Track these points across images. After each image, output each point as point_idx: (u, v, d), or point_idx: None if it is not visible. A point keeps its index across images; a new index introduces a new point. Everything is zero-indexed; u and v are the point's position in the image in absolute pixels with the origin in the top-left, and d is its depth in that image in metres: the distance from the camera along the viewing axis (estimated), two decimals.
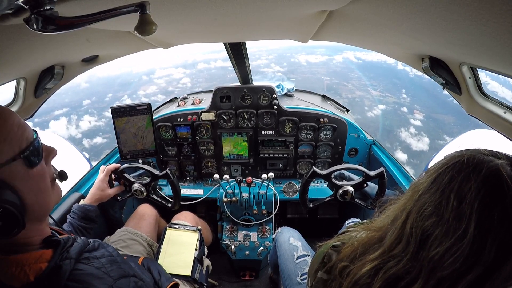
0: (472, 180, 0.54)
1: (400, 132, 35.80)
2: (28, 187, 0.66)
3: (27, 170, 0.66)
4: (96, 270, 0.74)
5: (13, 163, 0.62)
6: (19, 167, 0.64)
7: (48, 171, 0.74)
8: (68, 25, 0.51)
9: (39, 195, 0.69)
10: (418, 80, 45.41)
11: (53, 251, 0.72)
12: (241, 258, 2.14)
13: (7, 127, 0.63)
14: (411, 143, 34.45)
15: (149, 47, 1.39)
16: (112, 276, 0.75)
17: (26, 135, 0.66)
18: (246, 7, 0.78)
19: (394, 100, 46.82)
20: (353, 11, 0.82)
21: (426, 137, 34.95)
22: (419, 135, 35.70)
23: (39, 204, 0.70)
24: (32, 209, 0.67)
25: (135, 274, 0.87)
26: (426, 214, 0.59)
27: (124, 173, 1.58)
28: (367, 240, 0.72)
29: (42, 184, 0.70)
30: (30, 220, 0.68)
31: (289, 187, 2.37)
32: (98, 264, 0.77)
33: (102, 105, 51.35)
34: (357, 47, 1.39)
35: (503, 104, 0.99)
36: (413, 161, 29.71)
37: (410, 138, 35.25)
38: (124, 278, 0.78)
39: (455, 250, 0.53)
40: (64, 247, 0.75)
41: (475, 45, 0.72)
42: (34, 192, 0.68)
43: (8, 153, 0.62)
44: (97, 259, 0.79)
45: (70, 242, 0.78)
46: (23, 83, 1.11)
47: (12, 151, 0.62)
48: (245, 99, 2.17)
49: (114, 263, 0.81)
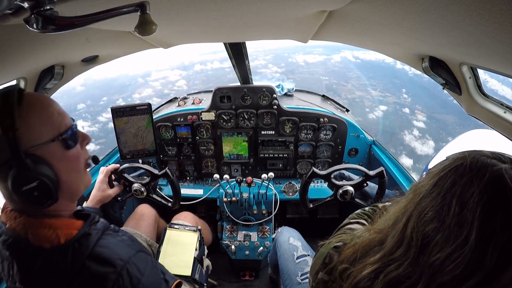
0: (475, 185, 0.53)
1: (404, 135, 34.91)
2: (63, 166, 0.75)
3: (63, 151, 0.75)
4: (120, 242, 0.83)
5: (51, 143, 0.72)
6: (57, 148, 0.74)
7: (82, 154, 0.83)
8: (68, 25, 0.51)
9: (72, 174, 0.78)
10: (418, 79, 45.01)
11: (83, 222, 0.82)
12: (241, 258, 2.14)
13: (48, 112, 0.73)
14: (416, 146, 33.46)
15: (149, 47, 1.39)
16: (134, 248, 0.83)
17: (65, 122, 0.76)
18: (246, 7, 0.78)
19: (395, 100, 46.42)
20: (353, 11, 0.82)
21: (431, 140, 33.94)
22: (424, 138, 34.71)
23: (71, 182, 0.79)
24: (65, 185, 0.76)
25: (152, 255, 0.93)
26: (427, 219, 0.58)
27: (124, 173, 1.58)
28: (368, 242, 0.71)
29: (76, 165, 0.80)
30: (63, 196, 0.76)
31: (289, 187, 2.37)
32: (120, 238, 0.86)
33: (97, 109, 50.74)
34: (355, 47, 1.40)
35: (503, 104, 0.99)
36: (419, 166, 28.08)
37: (415, 141, 34.26)
38: (144, 253, 0.85)
39: (456, 256, 0.52)
40: (92, 221, 0.83)
41: (475, 45, 0.72)
42: (68, 171, 0.77)
43: (48, 135, 0.72)
44: (119, 236, 0.87)
45: (96, 219, 0.87)
46: (23, 83, 1.11)
47: (52, 134, 0.72)
48: (245, 99, 2.17)
49: (135, 241, 0.90)
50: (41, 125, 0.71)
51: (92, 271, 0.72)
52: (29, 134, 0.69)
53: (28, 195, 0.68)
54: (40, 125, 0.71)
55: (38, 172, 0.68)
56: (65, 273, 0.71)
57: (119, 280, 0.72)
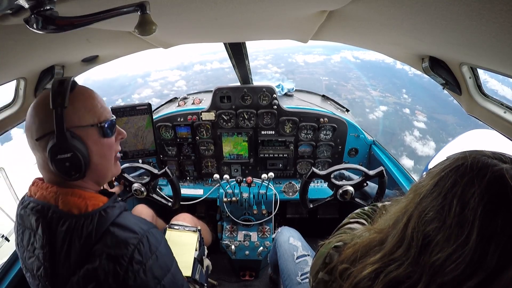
0: (476, 185, 0.53)
1: (405, 136, 34.54)
2: (97, 150, 0.84)
3: (99, 138, 0.85)
4: (138, 218, 0.91)
5: (91, 128, 0.82)
6: (94, 133, 0.83)
7: (115, 146, 0.93)
8: (68, 25, 0.51)
9: (103, 160, 0.88)
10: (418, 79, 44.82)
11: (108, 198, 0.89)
12: (241, 258, 2.14)
13: (93, 102, 0.84)
14: (417, 147, 33.12)
15: (149, 47, 1.39)
16: (148, 225, 0.89)
17: (105, 114, 0.86)
18: (246, 7, 0.79)
19: (395, 100, 46.19)
20: (353, 11, 0.82)
21: (431, 141, 33.56)
22: (425, 139, 34.36)
23: (101, 166, 0.87)
24: (95, 167, 0.84)
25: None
26: (428, 219, 0.58)
27: (124, 173, 1.58)
28: (368, 242, 0.71)
29: (108, 152, 0.89)
30: (90, 177, 0.86)
31: (289, 187, 2.37)
32: (138, 217, 0.92)
33: None
34: (355, 47, 1.40)
35: (503, 104, 0.99)
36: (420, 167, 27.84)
37: (415, 142, 33.91)
38: (156, 229, 0.91)
39: (457, 256, 0.52)
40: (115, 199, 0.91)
41: (475, 45, 0.72)
42: (100, 156, 0.86)
43: (89, 120, 0.82)
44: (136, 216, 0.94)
45: (118, 199, 0.94)
46: (23, 83, 1.11)
47: (92, 120, 0.83)
48: (245, 99, 2.17)
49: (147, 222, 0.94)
50: (85, 111, 0.82)
51: (115, 235, 0.79)
52: (73, 115, 0.79)
53: (61, 163, 0.77)
54: (84, 110, 0.81)
55: (73, 146, 0.77)
56: (90, 235, 0.77)
57: (140, 245, 0.79)
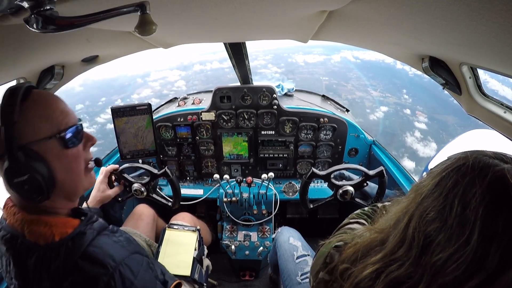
0: (477, 185, 0.53)
1: (406, 137, 34.08)
2: (60, 165, 0.74)
3: (62, 150, 0.74)
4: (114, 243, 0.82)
5: (49, 140, 0.71)
6: (55, 145, 0.73)
7: (84, 155, 0.82)
8: (68, 25, 0.51)
9: (70, 174, 0.77)
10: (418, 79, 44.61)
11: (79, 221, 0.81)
12: (241, 258, 2.14)
13: (49, 109, 0.73)
14: (418, 149, 32.52)
15: (149, 47, 1.39)
16: (129, 250, 0.82)
17: (66, 121, 0.75)
18: (246, 7, 0.78)
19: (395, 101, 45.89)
20: (353, 11, 0.82)
21: (433, 142, 33.01)
22: (426, 140, 33.83)
23: (68, 182, 0.77)
24: (61, 185, 0.75)
25: (148, 256, 0.92)
26: (429, 219, 0.58)
27: (124, 173, 1.58)
28: (369, 242, 0.71)
29: (74, 165, 0.78)
30: (58, 195, 0.76)
31: (289, 187, 2.37)
32: (116, 239, 0.84)
33: (96, 109, 50.18)
34: (355, 47, 1.40)
35: (503, 104, 0.99)
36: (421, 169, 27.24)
37: (417, 143, 33.38)
38: (139, 254, 0.84)
39: (458, 257, 0.52)
40: (89, 220, 0.82)
41: (475, 45, 0.72)
42: (66, 171, 0.76)
43: (46, 131, 0.71)
44: (116, 237, 0.86)
45: (94, 218, 0.85)
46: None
47: (50, 131, 0.72)
48: (245, 99, 2.17)
49: (131, 242, 0.88)
50: (40, 121, 0.71)
51: (84, 271, 0.72)
52: (27, 129, 0.69)
53: (19, 188, 0.69)
54: (39, 121, 0.71)
55: (29, 166, 0.68)
56: (58, 271, 0.71)
57: (111, 282, 0.72)
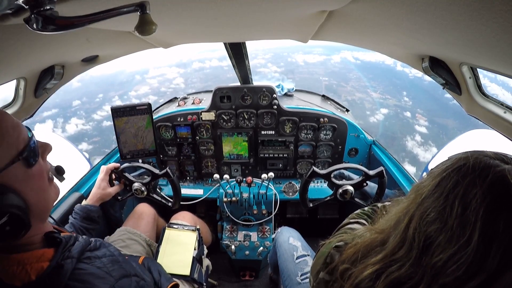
0: (478, 186, 0.52)
1: (406, 141, 33.69)
2: (29, 187, 0.66)
3: (26, 171, 0.65)
4: (97, 270, 0.74)
5: (12, 165, 0.62)
6: (18, 169, 0.63)
7: (45, 168, 0.73)
8: (68, 25, 0.51)
9: (40, 193, 0.69)
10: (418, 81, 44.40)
11: (54, 250, 0.72)
12: (241, 258, 2.14)
13: (1, 130, 0.61)
14: (419, 153, 32.10)
15: (149, 47, 1.39)
16: (114, 276, 0.75)
17: (22, 136, 0.65)
18: (246, 7, 0.78)
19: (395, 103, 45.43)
20: (353, 11, 0.82)
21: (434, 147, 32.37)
22: (427, 144, 33.39)
23: (40, 202, 0.70)
24: (34, 208, 0.67)
25: (137, 273, 0.88)
26: (429, 219, 0.58)
27: (125, 173, 1.58)
28: (369, 243, 0.71)
29: (41, 182, 0.70)
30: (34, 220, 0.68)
31: (289, 187, 2.37)
32: (99, 263, 0.77)
33: (92, 106, 49.20)
34: (355, 47, 1.39)
35: (503, 104, 0.99)
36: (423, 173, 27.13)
37: (417, 147, 32.95)
38: (126, 277, 0.79)
39: (459, 257, 0.52)
40: (65, 246, 0.75)
41: (475, 45, 0.72)
42: (35, 191, 0.68)
43: (6, 157, 0.61)
44: (99, 259, 0.79)
45: (71, 241, 0.78)
46: (23, 83, 1.11)
47: (10, 155, 0.62)
48: (245, 99, 2.17)
49: (115, 263, 0.81)
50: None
51: None
52: None
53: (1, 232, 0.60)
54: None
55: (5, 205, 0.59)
56: None
57: None
